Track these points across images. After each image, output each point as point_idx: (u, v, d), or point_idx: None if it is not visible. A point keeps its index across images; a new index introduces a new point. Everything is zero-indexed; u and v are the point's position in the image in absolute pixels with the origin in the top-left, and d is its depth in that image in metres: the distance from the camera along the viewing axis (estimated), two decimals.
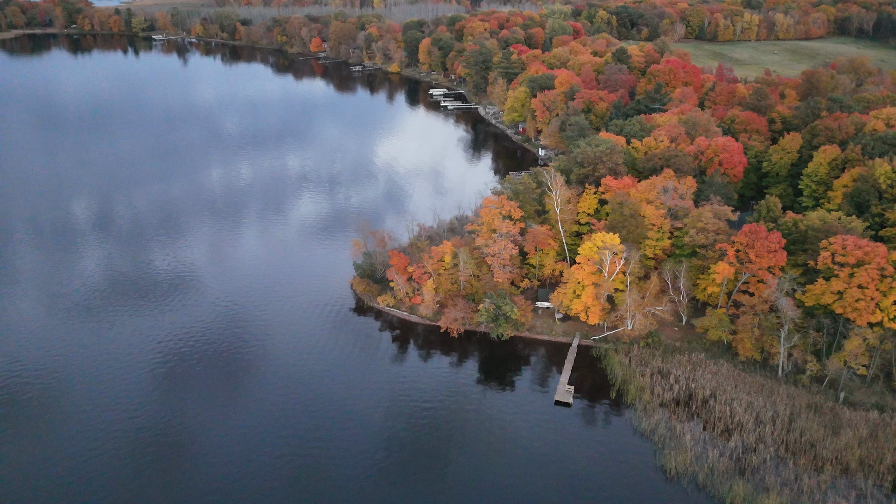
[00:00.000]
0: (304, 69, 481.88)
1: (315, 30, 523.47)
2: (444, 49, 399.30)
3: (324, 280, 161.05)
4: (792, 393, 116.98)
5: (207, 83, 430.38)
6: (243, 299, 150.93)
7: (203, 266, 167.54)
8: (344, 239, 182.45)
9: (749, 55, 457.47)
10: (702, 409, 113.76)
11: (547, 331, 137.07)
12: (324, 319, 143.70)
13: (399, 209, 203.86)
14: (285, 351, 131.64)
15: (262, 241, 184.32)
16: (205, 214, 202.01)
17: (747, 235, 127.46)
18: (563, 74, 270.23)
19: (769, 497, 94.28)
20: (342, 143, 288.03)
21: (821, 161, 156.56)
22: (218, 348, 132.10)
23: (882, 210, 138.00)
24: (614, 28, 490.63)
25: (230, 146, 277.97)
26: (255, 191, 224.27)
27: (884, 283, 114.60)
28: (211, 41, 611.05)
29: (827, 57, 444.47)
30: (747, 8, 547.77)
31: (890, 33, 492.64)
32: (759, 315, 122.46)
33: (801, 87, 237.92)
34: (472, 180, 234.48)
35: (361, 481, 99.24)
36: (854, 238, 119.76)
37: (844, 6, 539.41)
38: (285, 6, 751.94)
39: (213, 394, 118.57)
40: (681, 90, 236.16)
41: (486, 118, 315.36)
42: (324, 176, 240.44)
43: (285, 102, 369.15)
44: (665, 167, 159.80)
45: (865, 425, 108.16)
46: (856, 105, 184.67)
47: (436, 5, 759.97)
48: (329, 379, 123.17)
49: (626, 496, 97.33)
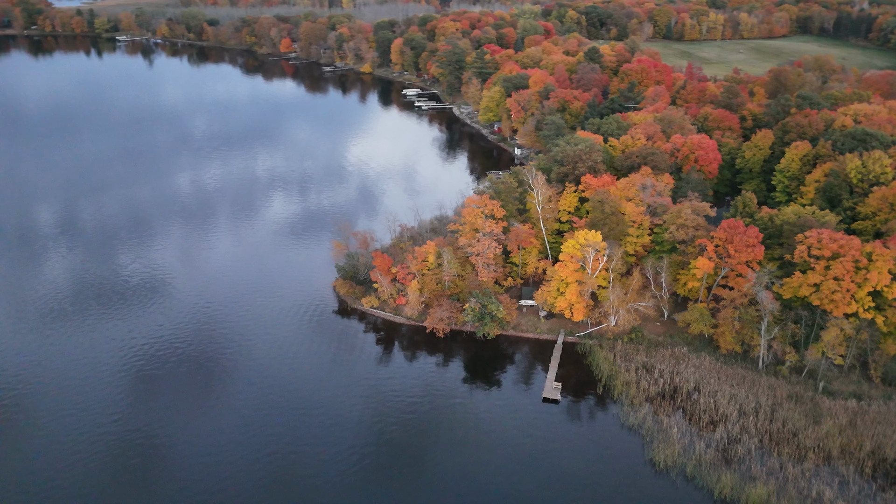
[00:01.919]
0: (274, 70, 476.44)
1: (285, 30, 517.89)
2: (417, 49, 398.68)
3: (304, 282, 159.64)
4: (773, 384, 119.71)
5: (174, 84, 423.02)
6: (221, 303, 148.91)
7: (178, 271, 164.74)
8: (323, 240, 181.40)
9: (715, 54, 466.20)
10: (686, 401, 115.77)
11: (532, 329, 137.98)
12: (306, 322, 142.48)
13: (378, 210, 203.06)
14: (267, 355, 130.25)
15: (237, 244, 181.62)
16: (176, 218, 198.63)
17: (726, 231, 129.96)
18: (537, 74, 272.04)
19: (756, 486, 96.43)
20: (317, 144, 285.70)
21: (793, 157, 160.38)
22: (196, 353, 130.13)
23: (853, 204, 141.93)
24: (584, 28, 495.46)
25: (201, 148, 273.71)
26: (227, 193, 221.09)
27: (858, 275, 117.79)
28: (177, 42, 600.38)
29: (791, 55, 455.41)
30: (712, 8, 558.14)
31: (850, 31, 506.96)
32: (740, 308, 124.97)
33: (769, 85, 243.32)
34: (450, 180, 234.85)
35: (350, 482, 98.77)
36: (829, 231, 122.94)
37: (805, 5, 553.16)
38: (253, 6, 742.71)
39: (193, 399, 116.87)
40: (653, 89, 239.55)
41: (461, 118, 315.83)
42: (299, 177, 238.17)
43: (256, 103, 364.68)
44: (643, 165, 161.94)
45: (845, 413, 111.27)
46: (824, 102, 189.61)
47: (405, 5, 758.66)
48: (314, 381, 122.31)
49: (617, 490, 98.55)
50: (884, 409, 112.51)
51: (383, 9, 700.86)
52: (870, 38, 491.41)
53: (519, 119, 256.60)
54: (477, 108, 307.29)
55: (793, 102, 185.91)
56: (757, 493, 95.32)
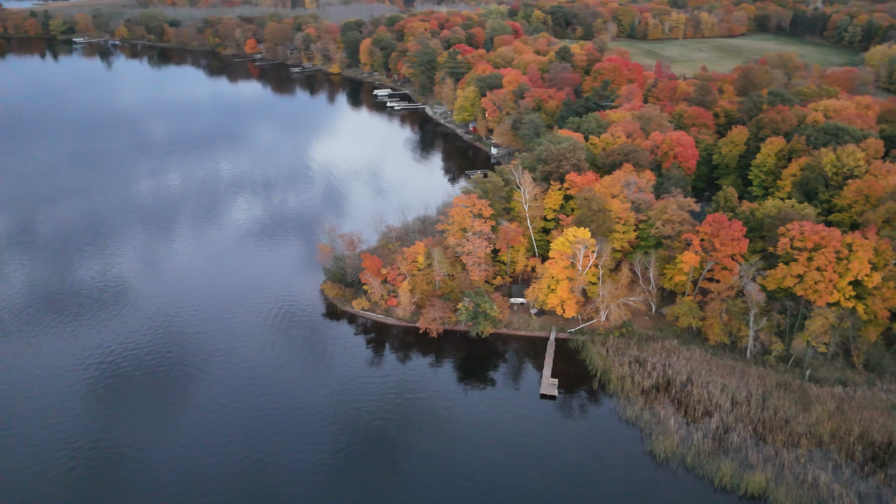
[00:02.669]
0: (239, 71, 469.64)
1: (249, 31, 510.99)
2: (386, 49, 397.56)
3: (289, 286, 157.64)
4: (761, 373, 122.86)
5: (134, 87, 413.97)
6: (200, 311, 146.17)
7: (155, 280, 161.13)
8: (304, 244, 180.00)
9: (679, 52, 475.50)
10: (680, 393, 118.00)
11: (524, 326, 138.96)
12: (294, 327, 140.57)
13: (358, 211, 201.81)
14: (255, 360, 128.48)
15: (212, 251, 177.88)
16: (147, 224, 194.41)
17: (711, 225, 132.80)
18: (511, 73, 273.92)
19: (755, 474, 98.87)
20: (288, 147, 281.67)
21: (768, 152, 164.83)
22: (182, 361, 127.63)
23: (829, 197, 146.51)
24: (550, 27, 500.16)
25: (173, 152, 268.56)
26: (196, 199, 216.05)
27: (840, 265, 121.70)
28: (137, 43, 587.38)
29: (751, 53, 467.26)
30: (674, 7, 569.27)
31: (806, 29, 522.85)
32: (727, 301, 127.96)
33: (738, 82, 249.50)
34: (428, 180, 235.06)
35: (354, 482, 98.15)
36: (810, 224, 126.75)
37: (763, 4, 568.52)
38: (214, 6, 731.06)
39: (183, 409, 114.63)
40: (626, 87, 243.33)
41: (435, 118, 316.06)
42: (272, 181, 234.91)
43: (222, 106, 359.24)
44: (624, 162, 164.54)
45: (832, 400, 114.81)
46: (794, 98, 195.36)
47: (370, 5, 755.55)
48: (309, 386, 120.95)
49: (621, 482, 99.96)
50: (868, 394, 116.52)
51: (347, 9, 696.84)
52: (825, 36, 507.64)
53: (494, 118, 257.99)
54: (451, 108, 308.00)
55: (765, 99, 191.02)
56: (756, 480, 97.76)
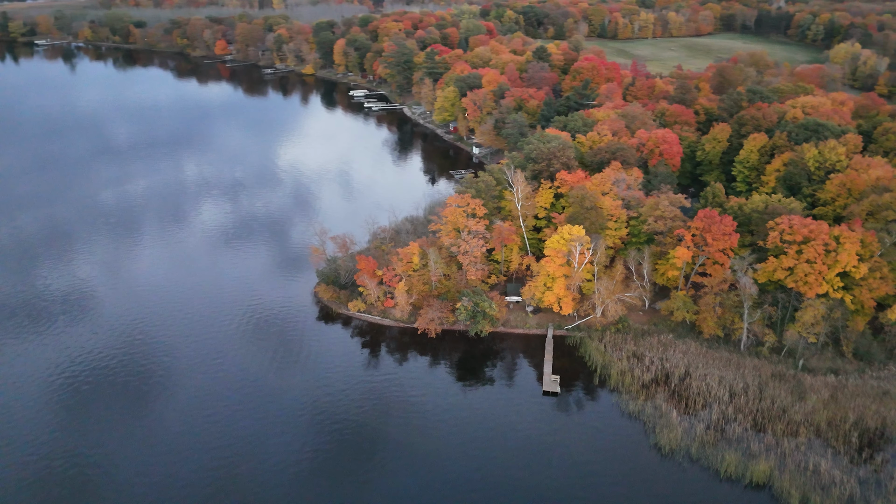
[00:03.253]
0: (209, 73, 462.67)
1: (219, 31, 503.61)
2: (361, 50, 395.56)
3: (280, 290, 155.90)
4: (756, 364, 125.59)
5: (99, 89, 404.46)
6: (200, 318, 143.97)
7: (133, 287, 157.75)
8: (291, 246, 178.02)
9: (649, 52, 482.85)
10: (679, 386, 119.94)
11: (521, 324, 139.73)
12: (290, 332, 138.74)
13: (344, 213, 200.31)
14: (251, 366, 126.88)
15: (197, 256, 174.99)
16: (128, 231, 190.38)
17: (703, 220, 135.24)
18: (490, 73, 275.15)
19: (758, 463, 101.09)
20: (265, 149, 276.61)
21: (751, 148, 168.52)
22: (177, 371, 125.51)
23: (813, 191, 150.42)
24: (522, 27, 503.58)
25: (149, 155, 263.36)
26: (175, 204, 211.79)
27: (829, 258, 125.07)
28: (101, 45, 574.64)
29: (719, 52, 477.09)
30: (642, 7, 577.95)
31: (770, 28, 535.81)
32: (721, 294, 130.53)
33: (713, 80, 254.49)
34: (412, 180, 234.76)
35: (363, 482, 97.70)
36: (798, 217, 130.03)
37: (728, 4, 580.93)
38: (179, 7, 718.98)
39: (169, 420, 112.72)
40: (606, 86, 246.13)
41: (413, 118, 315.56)
42: (250, 184, 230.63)
43: (194, 108, 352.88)
44: (612, 160, 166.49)
45: (826, 388, 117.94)
46: (773, 95, 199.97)
47: (339, 6, 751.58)
48: (311, 390, 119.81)
49: (629, 475, 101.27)
50: (860, 382, 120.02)
51: (317, 9, 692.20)
52: (788, 35, 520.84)
53: (475, 118, 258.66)
54: (430, 108, 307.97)
55: (744, 97, 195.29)
56: (760, 469, 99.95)
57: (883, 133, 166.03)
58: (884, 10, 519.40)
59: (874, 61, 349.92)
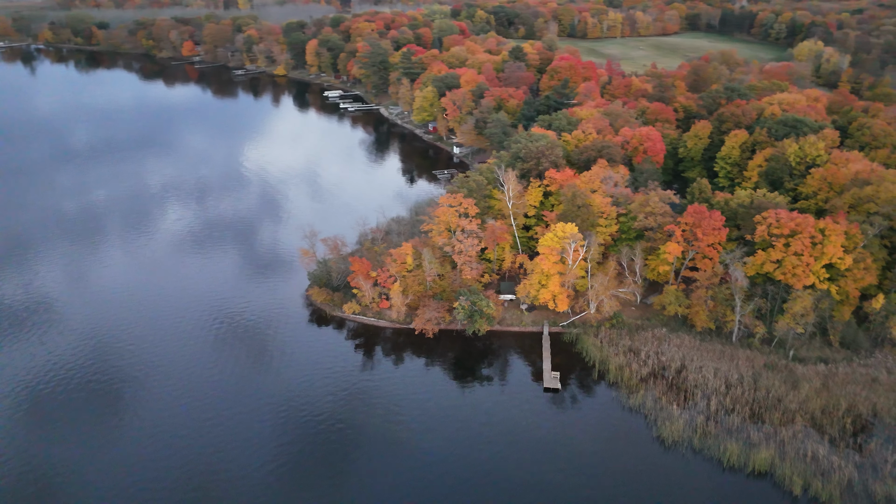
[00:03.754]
0: (177, 74, 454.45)
1: (186, 32, 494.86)
2: (334, 50, 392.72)
3: (270, 294, 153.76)
4: (748, 356, 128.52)
5: (59, 93, 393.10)
6: (196, 325, 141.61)
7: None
8: (279, 249, 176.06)
9: (619, 51, 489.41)
10: (677, 379, 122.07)
11: (516, 322, 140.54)
12: (284, 336, 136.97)
13: (327, 215, 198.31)
14: (248, 371, 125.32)
15: (178, 262, 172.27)
16: (105, 237, 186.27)
17: (693, 216, 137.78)
18: (468, 73, 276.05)
19: (759, 451, 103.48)
20: (240, 151, 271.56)
21: (733, 145, 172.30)
22: (171, 378, 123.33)
23: (795, 185, 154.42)
24: (493, 27, 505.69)
25: (125, 159, 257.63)
26: (140, 209, 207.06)
27: (815, 250, 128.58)
28: (63, 47, 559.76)
29: (687, 50, 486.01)
30: (610, 6, 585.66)
31: (734, 27, 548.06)
32: (713, 288, 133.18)
33: (688, 79, 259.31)
34: (394, 181, 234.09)
35: (373, 488, 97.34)
36: (785, 211, 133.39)
37: (693, 3, 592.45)
38: (141, 7, 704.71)
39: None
40: (584, 85, 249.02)
41: (390, 119, 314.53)
42: (230, 188, 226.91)
43: (162, 110, 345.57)
44: (598, 158, 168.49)
45: (817, 377, 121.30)
46: (750, 93, 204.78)
47: (306, 6, 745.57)
48: (314, 395, 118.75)
49: (635, 468, 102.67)
50: (848, 370, 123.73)
51: (284, 10, 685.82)
52: (752, 33, 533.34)
53: (455, 118, 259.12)
54: (407, 109, 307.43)
55: (722, 94, 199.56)
56: (761, 457, 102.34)
57: (858, 128, 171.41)
58: (841, 8, 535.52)
59: (837, 58, 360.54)
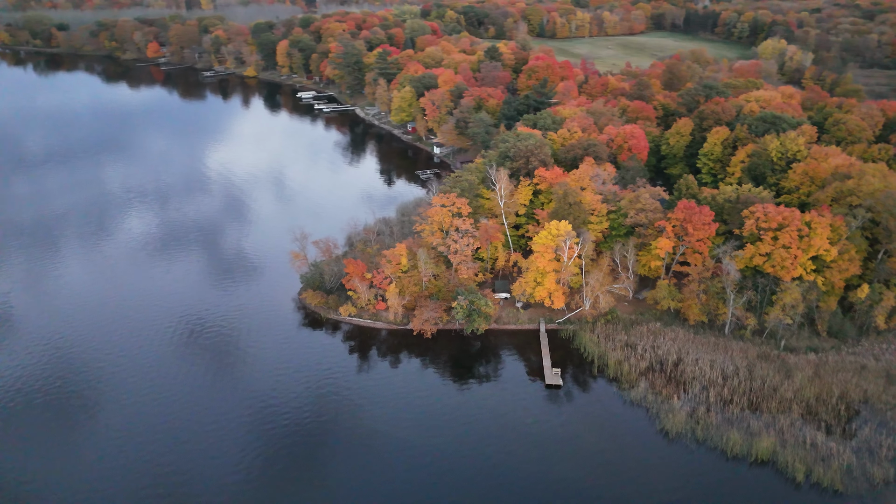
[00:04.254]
0: (142, 76, 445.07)
1: (150, 33, 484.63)
2: (306, 51, 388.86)
3: (260, 299, 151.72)
4: (742, 347, 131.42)
5: (16, 97, 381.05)
6: (195, 332, 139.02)
7: (137, 300, 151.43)
8: (267, 253, 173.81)
9: (587, 50, 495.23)
10: (675, 371, 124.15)
11: (513, 320, 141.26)
12: (279, 341, 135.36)
13: (311, 217, 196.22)
14: (252, 381, 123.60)
15: (188, 267, 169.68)
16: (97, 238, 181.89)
17: (683, 211, 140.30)
18: (446, 73, 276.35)
19: (761, 440, 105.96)
20: (214, 154, 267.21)
21: (715, 141, 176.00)
22: (171, 385, 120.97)
23: (777, 180, 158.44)
24: (463, 27, 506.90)
25: (103, 163, 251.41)
26: (117, 214, 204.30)
27: (803, 242, 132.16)
28: (20, 50, 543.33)
29: (653, 50, 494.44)
30: (577, 6, 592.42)
31: (698, 26, 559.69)
32: (705, 282, 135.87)
33: (663, 77, 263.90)
34: (374, 182, 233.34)
35: (386, 489, 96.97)
36: (772, 205, 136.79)
37: (657, 3, 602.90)
38: (101, 9, 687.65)
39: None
40: (562, 84, 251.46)
41: (367, 119, 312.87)
42: (206, 191, 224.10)
43: (126, 113, 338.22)
44: (584, 156, 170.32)
45: (809, 366, 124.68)
46: (727, 91, 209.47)
47: (270, 6, 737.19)
48: (317, 398, 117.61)
49: (641, 460, 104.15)
50: (838, 358, 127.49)
51: (249, 10, 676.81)
52: (716, 32, 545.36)
53: (435, 118, 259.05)
54: (385, 109, 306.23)
55: (701, 92, 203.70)
56: (763, 446, 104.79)
57: (834, 124, 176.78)
58: (800, 7, 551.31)
59: (800, 56, 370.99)
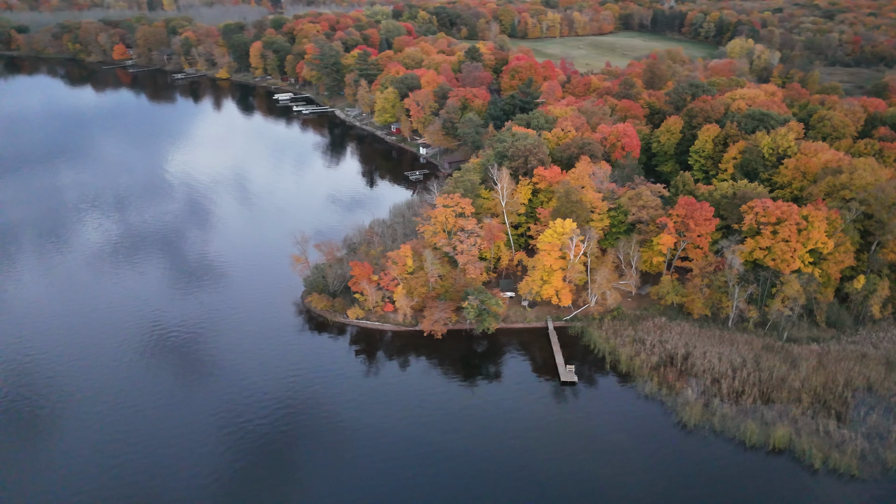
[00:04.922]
0: (108, 79, 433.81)
1: (116, 35, 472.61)
2: (280, 52, 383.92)
3: (263, 303, 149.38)
4: (747, 339, 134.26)
5: None
6: (196, 336, 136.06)
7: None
8: (264, 257, 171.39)
9: (559, 50, 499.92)
10: (685, 365, 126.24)
11: (521, 319, 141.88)
12: (286, 346, 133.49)
13: (308, 220, 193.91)
14: (267, 387, 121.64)
15: (187, 272, 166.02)
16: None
17: (685, 207, 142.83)
18: (428, 74, 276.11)
19: (776, 429, 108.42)
20: (195, 158, 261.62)
21: (706, 138, 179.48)
22: (178, 380, 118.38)
23: (769, 175, 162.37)
24: (435, 27, 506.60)
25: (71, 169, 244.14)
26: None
27: (801, 236, 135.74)
28: None
29: (623, 49, 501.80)
30: (547, 7, 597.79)
31: (665, 26, 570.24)
32: (709, 276, 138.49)
33: (644, 76, 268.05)
34: (361, 184, 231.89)
35: (405, 489, 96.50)
36: (769, 200, 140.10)
37: (625, 4, 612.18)
38: (59, 10, 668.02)
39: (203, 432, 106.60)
40: (546, 84, 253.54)
41: (348, 121, 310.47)
42: (183, 193, 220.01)
43: (93, 117, 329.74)
44: (580, 154, 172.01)
45: (812, 356, 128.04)
46: (712, 89, 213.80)
47: (235, 7, 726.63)
48: (333, 401, 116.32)
49: (663, 453, 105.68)
50: (839, 347, 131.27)
51: (213, 11, 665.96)
52: (683, 32, 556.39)
53: (420, 119, 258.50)
54: (367, 110, 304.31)
55: (688, 90, 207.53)
56: (779, 435, 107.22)
57: (819, 120, 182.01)
58: (763, 7, 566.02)
59: (767, 55, 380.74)
